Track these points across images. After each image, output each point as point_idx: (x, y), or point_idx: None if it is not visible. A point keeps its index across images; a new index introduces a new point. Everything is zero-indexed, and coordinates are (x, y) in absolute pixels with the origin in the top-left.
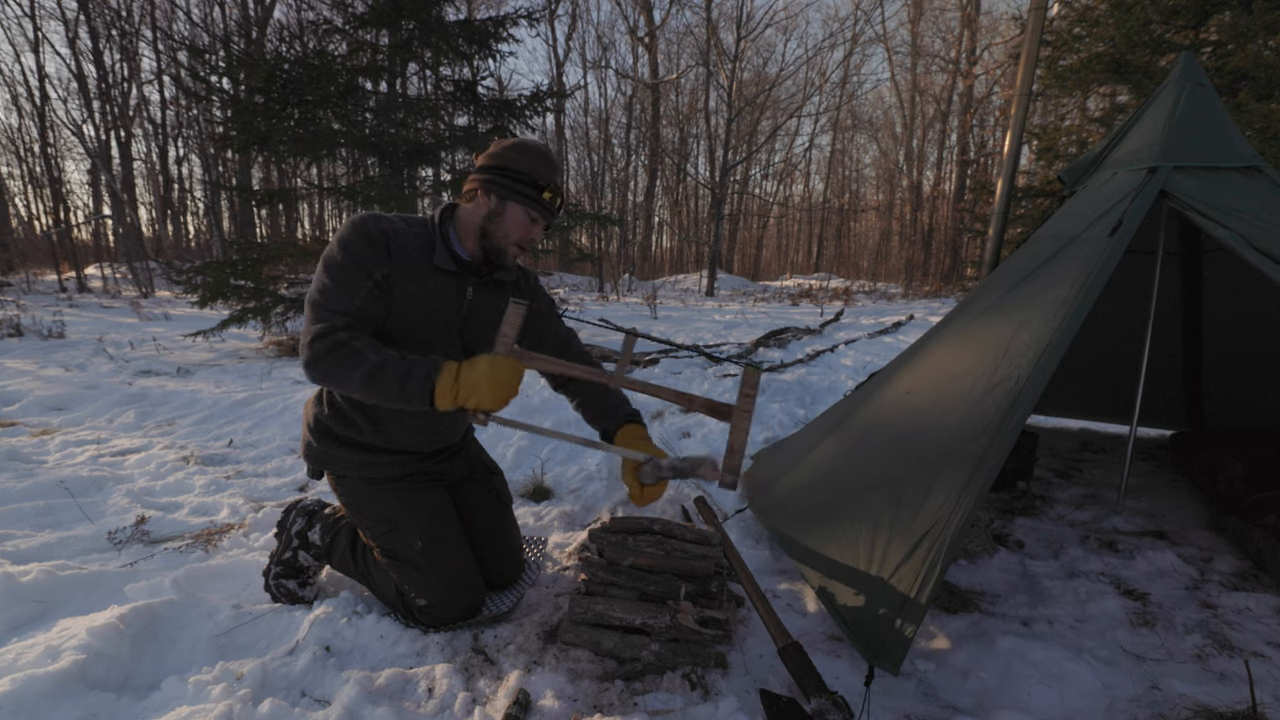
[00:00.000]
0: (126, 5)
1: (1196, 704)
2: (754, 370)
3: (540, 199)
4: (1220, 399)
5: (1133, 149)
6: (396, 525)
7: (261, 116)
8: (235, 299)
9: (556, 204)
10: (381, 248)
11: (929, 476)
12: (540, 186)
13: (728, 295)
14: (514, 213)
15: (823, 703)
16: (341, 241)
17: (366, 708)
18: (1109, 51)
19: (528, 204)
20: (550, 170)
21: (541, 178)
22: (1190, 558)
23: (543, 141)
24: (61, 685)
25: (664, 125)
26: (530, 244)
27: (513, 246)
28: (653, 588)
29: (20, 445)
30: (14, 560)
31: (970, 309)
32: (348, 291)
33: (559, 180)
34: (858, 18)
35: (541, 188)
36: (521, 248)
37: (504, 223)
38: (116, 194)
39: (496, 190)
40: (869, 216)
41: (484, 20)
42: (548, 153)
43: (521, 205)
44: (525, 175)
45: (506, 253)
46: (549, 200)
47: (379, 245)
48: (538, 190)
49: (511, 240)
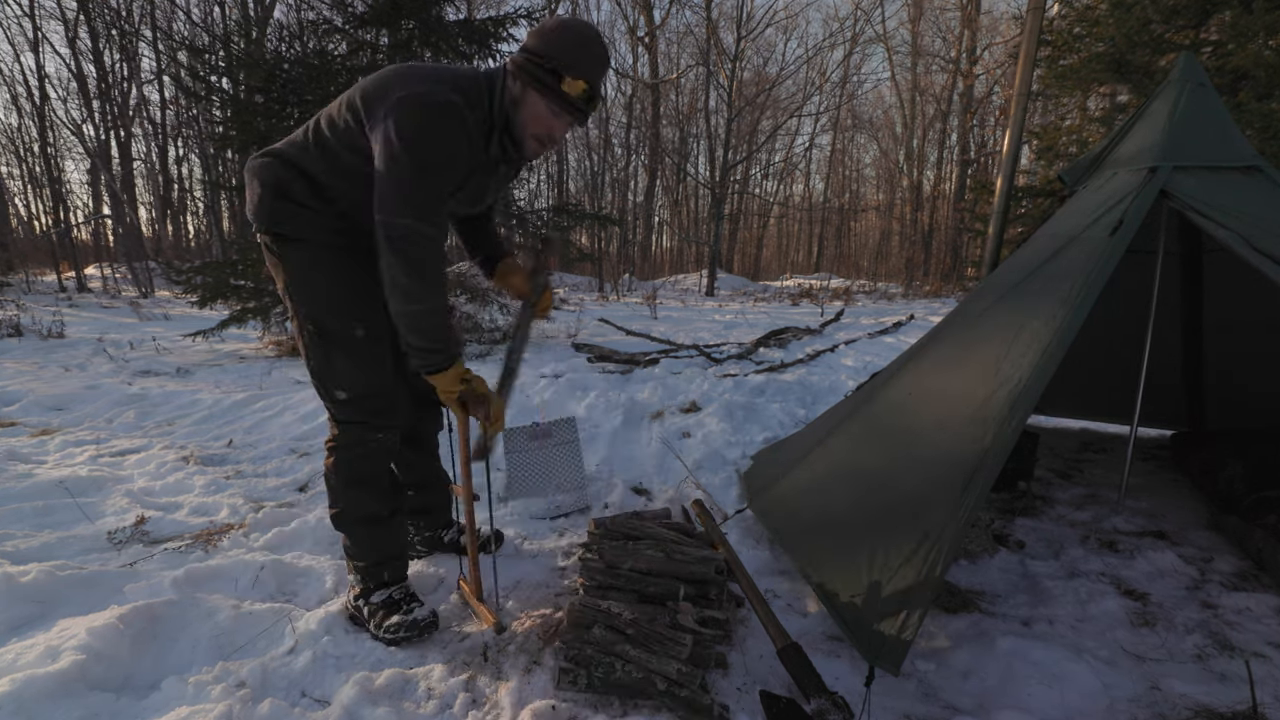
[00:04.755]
0: (126, 5)
1: (1197, 704)
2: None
3: (558, 91)
4: (1221, 399)
5: (1133, 149)
6: (340, 302)
7: (261, 116)
8: (235, 299)
9: (582, 98)
10: (472, 146)
11: (929, 477)
12: (561, 75)
13: (728, 295)
14: (532, 102)
15: (823, 703)
16: (440, 131)
17: (366, 708)
18: (1109, 51)
19: (547, 95)
20: (578, 56)
21: (566, 65)
22: (1191, 558)
23: (591, 25)
24: (61, 685)
25: (664, 125)
26: (550, 138)
27: (531, 140)
28: (652, 589)
29: (20, 445)
30: (13, 560)
31: (970, 309)
32: (446, 190)
33: (590, 69)
34: (858, 17)
35: (562, 77)
36: (541, 141)
37: (521, 112)
38: (116, 194)
39: (521, 75)
40: (869, 216)
41: (484, 20)
42: (586, 37)
43: (541, 96)
44: (549, 61)
45: (525, 145)
46: (571, 94)
47: (472, 144)
48: (558, 79)
49: (529, 132)
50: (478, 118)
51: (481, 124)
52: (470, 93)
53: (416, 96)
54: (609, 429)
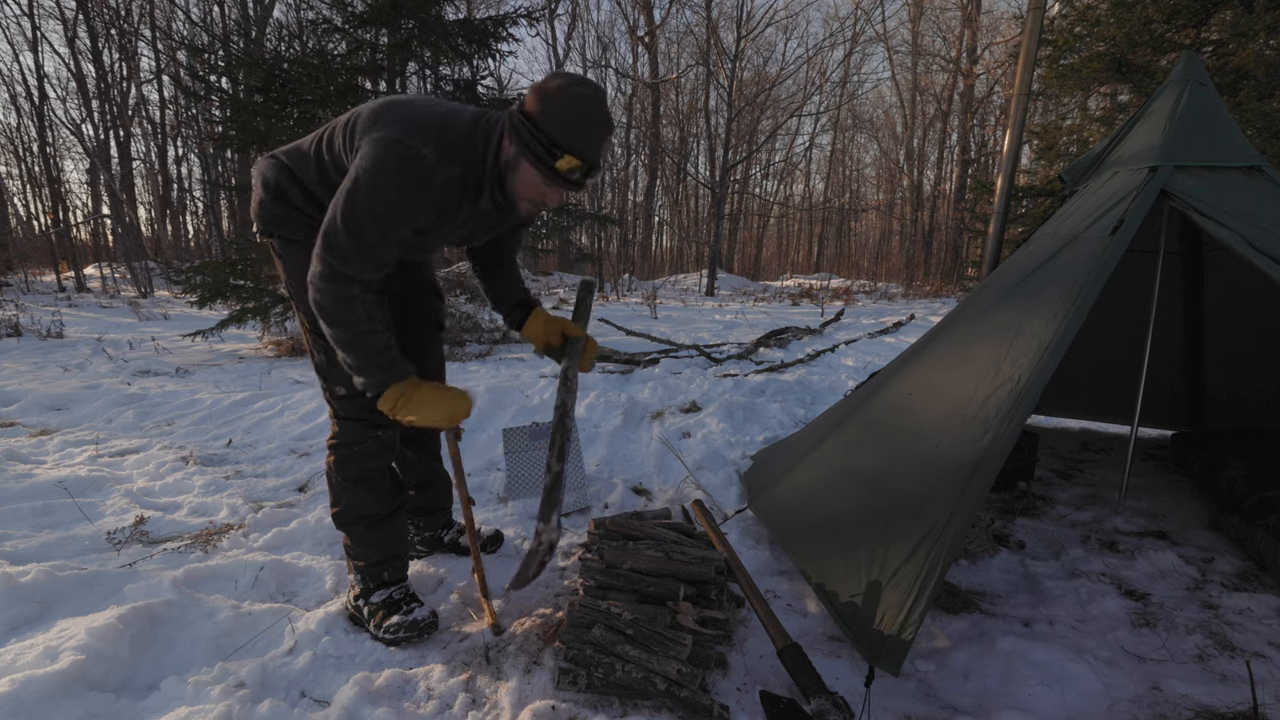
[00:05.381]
0: (126, 4)
1: (1197, 704)
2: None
3: (551, 166)
4: (1221, 399)
5: (1134, 148)
6: None
7: (261, 116)
8: (234, 299)
9: (575, 175)
10: (436, 203)
11: (929, 477)
12: (556, 152)
13: (728, 295)
14: (525, 170)
15: (823, 703)
16: (393, 184)
17: (366, 708)
18: (1110, 51)
19: (539, 167)
20: (577, 135)
21: (562, 143)
22: (1191, 558)
23: (596, 89)
24: (61, 686)
25: (664, 125)
26: (543, 203)
27: (524, 202)
28: (652, 589)
29: (19, 445)
30: (13, 560)
31: (971, 308)
32: (387, 240)
33: (587, 148)
34: (858, 17)
35: (557, 154)
36: (533, 204)
37: (515, 177)
38: (115, 194)
39: (517, 140)
40: (869, 216)
41: (484, 19)
42: (588, 113)
43: (533, 168)
44: (544, 134)
45: (519, 205)
46: (565, 170)
47: (433, 200)
48: (552, 155)
49: (521, 195)
50: (454, 175)
51: (460, 180)
52: (451, 147)
53: (388, 142)
54: (609, 429)
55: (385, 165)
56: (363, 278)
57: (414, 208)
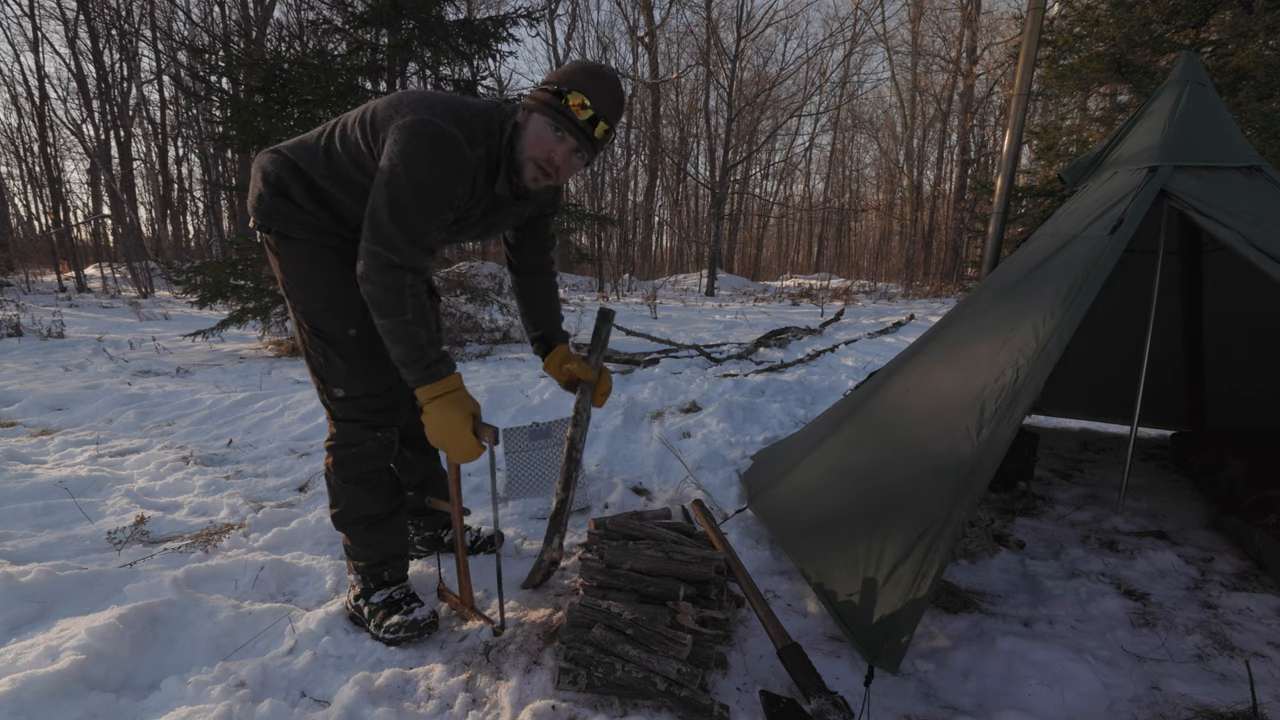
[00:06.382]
0: (126, 5)
1: (1197, 704)
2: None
3: (559, 106)
4: (1221, 399)
5: (1133, 148)
6: (334, 303)
7: (261, 116)
8: (235, 299)
9: (585, 116)
10: (468, 179)
11: (927, 475)
12: (564, 91)
13: (728, 295)
14: (534, 124)
15: (823, 703)
16: (430, 162)
17: (366, 708)
18: (1109, 51)
19: (548, 112)
20: (586, 81)
21: (570, 86)
22: (1191, 558)
23: (609, 67)
24: (61, 685)
25: (664, 125)
26: (551, 165)
27: (530, 164)
28: (652, 589)
29: (19, 445)
30: (13, 560)
31: (970, 308)
32: (432, 223)
33: (594, 89)
34: (858, 17)
35: (565, 92)
36: (541, 168)
37: (524, 137)
38: (116, 194)
39: (529, 103)
40: (869, 216)
41: (484, 20)
42: (598, 70)
43: (543, 114)
44: (553, 84)
45: (524, 171)
46: (574, 109)
47: (466, 178)
48: (559, 96)
49: (527, 155)
50: (479, 155)
51: (483, 161)
52: (474, 127)
53: (417, 123)
54: (609, 429)
55: (419, 145)
56: (412, 265)
57: (451, 184)
